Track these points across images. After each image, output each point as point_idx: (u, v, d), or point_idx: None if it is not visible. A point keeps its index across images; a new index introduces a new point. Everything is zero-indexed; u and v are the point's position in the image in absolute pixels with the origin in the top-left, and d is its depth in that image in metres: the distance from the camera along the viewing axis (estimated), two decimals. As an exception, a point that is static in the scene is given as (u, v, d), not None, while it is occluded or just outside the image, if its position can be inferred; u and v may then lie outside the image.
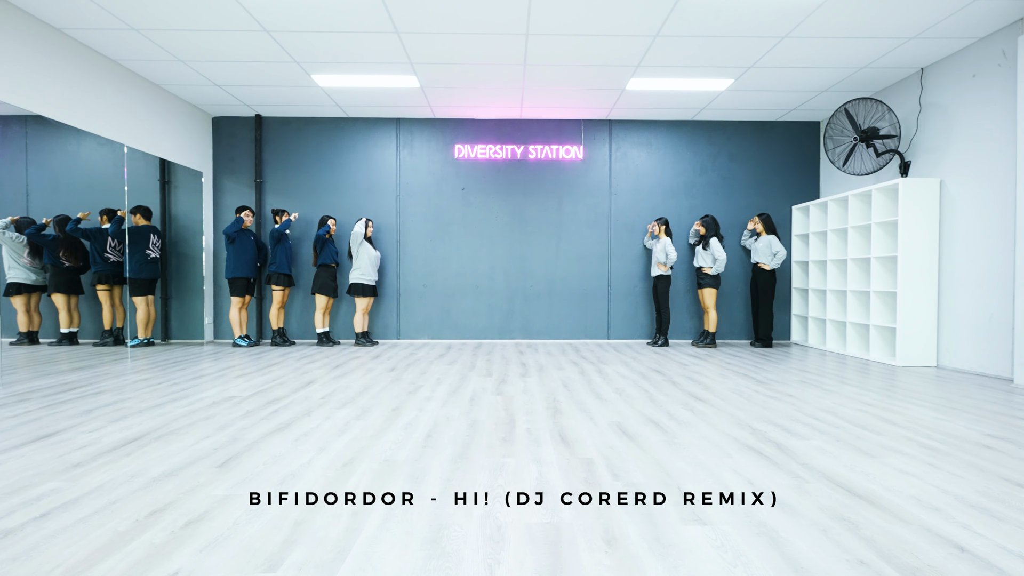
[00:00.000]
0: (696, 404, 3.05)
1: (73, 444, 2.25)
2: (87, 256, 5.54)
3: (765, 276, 5.74)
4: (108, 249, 5.48)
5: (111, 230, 5.33)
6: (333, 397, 3.19)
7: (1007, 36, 3.99)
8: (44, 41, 3.97)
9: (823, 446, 2.27)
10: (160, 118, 5.32)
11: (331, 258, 5.77)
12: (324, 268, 5.75)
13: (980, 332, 4.19)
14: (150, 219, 5.66)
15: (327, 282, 5.75)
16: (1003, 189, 4.03)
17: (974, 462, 2.09)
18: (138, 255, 5.44)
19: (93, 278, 5.48)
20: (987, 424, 2.66)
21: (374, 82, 5.09)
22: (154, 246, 5.59)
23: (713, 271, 5.70)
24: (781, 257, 5.65)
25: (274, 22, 3.94)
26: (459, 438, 2.37)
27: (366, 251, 5.69)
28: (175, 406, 2.93)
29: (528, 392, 3.38)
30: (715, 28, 4.03)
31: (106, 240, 5.44)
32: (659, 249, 5.74)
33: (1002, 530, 1.51)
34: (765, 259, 5.73)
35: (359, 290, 5.70)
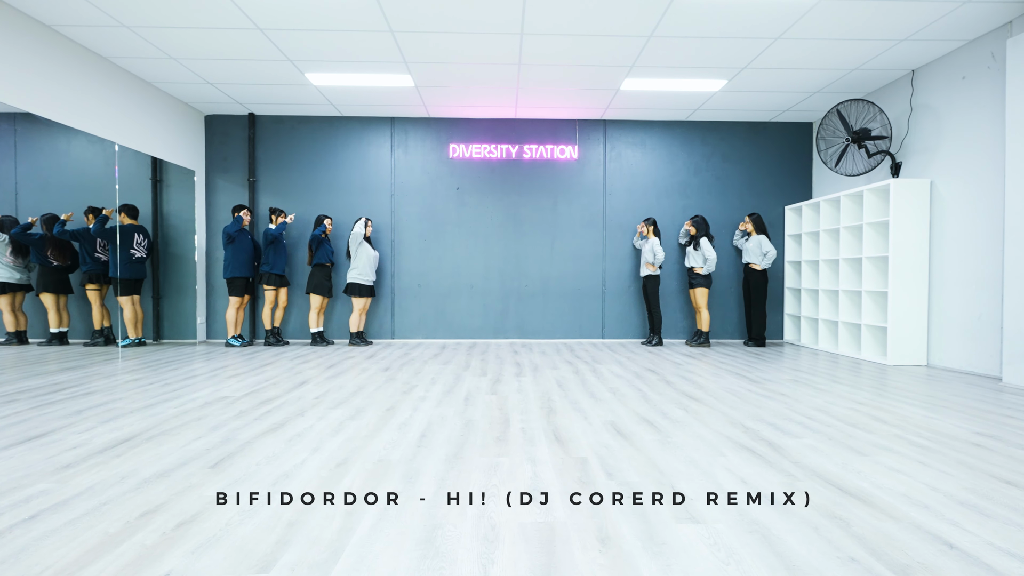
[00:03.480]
0: (690, 403, 3.06)
1: (63, 445, 2.23)
2: (76, 255, 5.49)
3: (756, 276, 5.77)
4: (98, 248, 5.43)
5: (94, 229, 5.27)
6: (327, 397, 3.17)
7: (996, 39, 4.03)
8: (33, 38, 3.93)
9: (815, 444, 2.29)
10: (152, 116, 5.27)
11: (327, 257, 5.74)
12: (319, 268, 5.73)
13: (969, 331, 4.24)
14: (136, 218, 5.60)
15: (322, 282, 5.72)
16: (992, 190, 4.08)
17: (963, 460, 2.11)
18: (122, 255, 5.38)
19: (83, 277, 5.44)
20: (976, 422, 2.69)
21: (368, 81, 5.07)
22: (139, 245, 5.53)
23: (704, 271, 5.72)
24: (771, 257, 5.68)
25: (267, 20, 3.91)
26: (453, 438, 2.37)
27: (365, 251, 5.66)
28: (167, 406, 2.91)
29: (523, 392, 3.38)
30: (709, 29, 4.04)
31: (95, 239, 5.39)
32: (647, 249, 5.77)
33: (990, 527, 1.53)
34: (756, 259, 5.76)
35: (356, 290, 5.68)
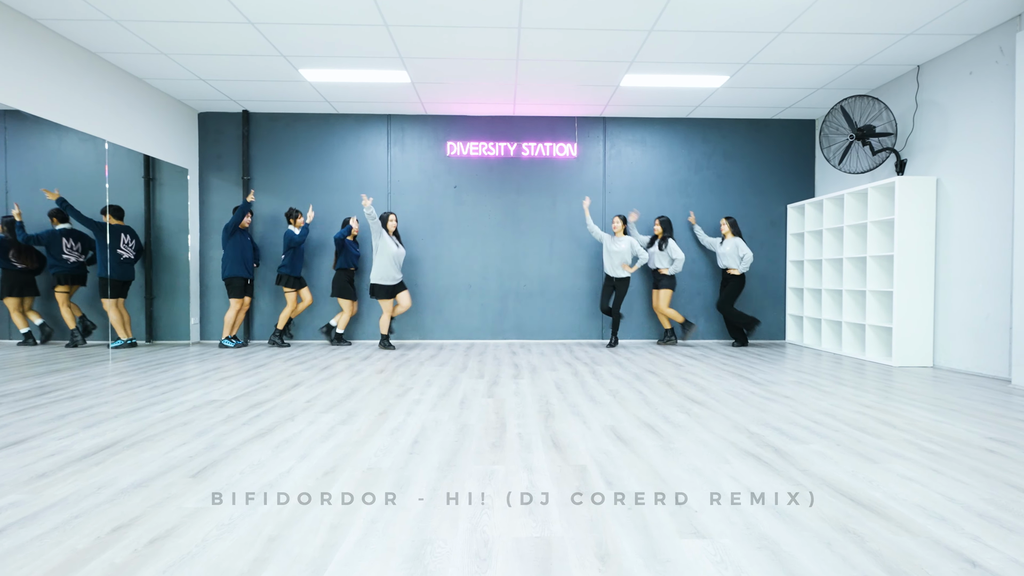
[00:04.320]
0: (692, 406, 2.98)
1: (41, 452, 2.14)
2: (42, 258, 5.34)
3: (734, 281, 5.62)
4: (66, 250, 5.30)
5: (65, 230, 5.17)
6: (319, 400, 3.08)
7: (1005, 33, 3.94)
8: (20, 32, 3.83)
9: (823, 451, 2.20)
10: (143, 113, 5.17)
11: (350, 262, 5.58)
12: (342, 272, 5.59)
13: (977, 332, 4.15)
14: (122, 218, 5.48)
15: (345, 286, 5.59)
16: (1000, 187, 3.99)
17: (978, 467, 2.02)
18: (110, 255, 5.25)
19: (52, 280, 5.29)
20: (988, 427, 2.60)
21: (363, 77, 4.98)
22: (127, 246, 5.42)
23: (670, 271, 5.58)
24: (748, 260, 5.54)
25: (257, 13, 3.82)
26: (447, 444, 2.28)
27: (385, 247, 5.21)
28: (153, 410, 2.82)
29: (520, 394, 3.29)
30: (711, 23, 3.95)
31: (61, 241, 5.25)
32: (624, 250, 5.53)
33: (1013, 541, 1.44)
34: (733, 263, 5.61)
35: (379, 291, 5.32)
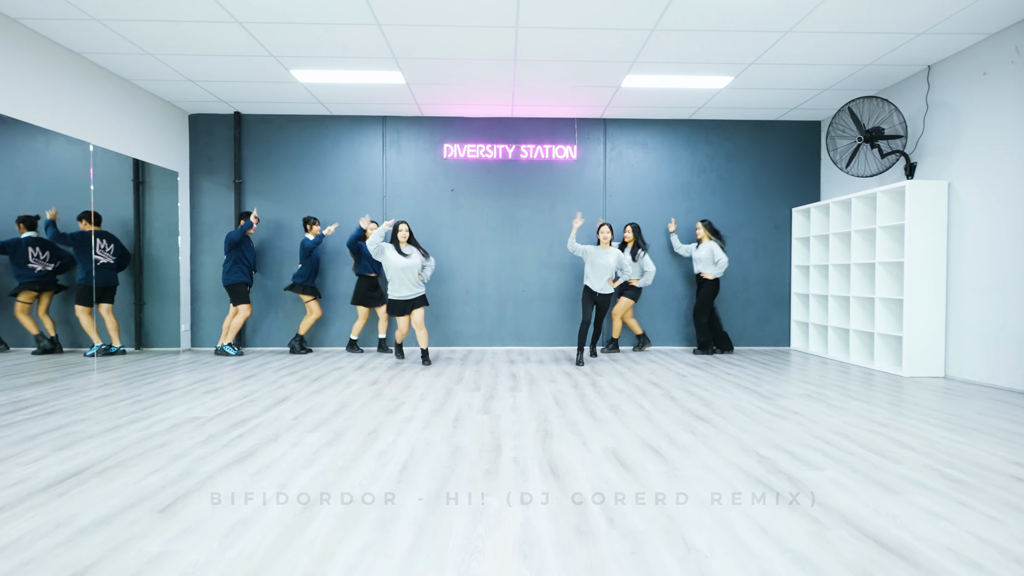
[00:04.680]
0: (697, 424, 2.83)
1: (4, 480, 2.00)
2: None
3: (708, 285, 5.44)
4: (31, 259, 5.14)
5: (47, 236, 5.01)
6: (306, 417, 2.94)
7: (1020, 32, 3.80)
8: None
9: (839, 479, 2.06)
10: (130, 116, 5.03)
11: (370, 267, 5.43)
12: (363, 278, 5.46)
13: (990, 342, 4.01)
14: (99, 224, 5.31)
15: (367, 293, 5.45)
16: (1015, 192, 3.85)
17: (1008, 499, 1.88)
18: (86, 262, 5.09)
19: (16, 290, 5.12)
20: (1010, 448, 2.46)
21: (357, 78, 4.84)
22: (104, 251, 5.26)
23: (640, 283, 5.41)
24: (723, 265, 5.38)
25: (244, 12, 3.68)
26: (438, 471, 2.14)
27: (388, 261, 4.61)
28: (131, 429, 2.68)
29: (517, 410, 3.15)
30: (715, 22, 3.81)
31: (26, 249, 5.09)
32: (612, 260, 4.94)
33: (1059, 596, 1.30)
34: (707, 268, 5.44)
35: (391, 308, 4.78)
